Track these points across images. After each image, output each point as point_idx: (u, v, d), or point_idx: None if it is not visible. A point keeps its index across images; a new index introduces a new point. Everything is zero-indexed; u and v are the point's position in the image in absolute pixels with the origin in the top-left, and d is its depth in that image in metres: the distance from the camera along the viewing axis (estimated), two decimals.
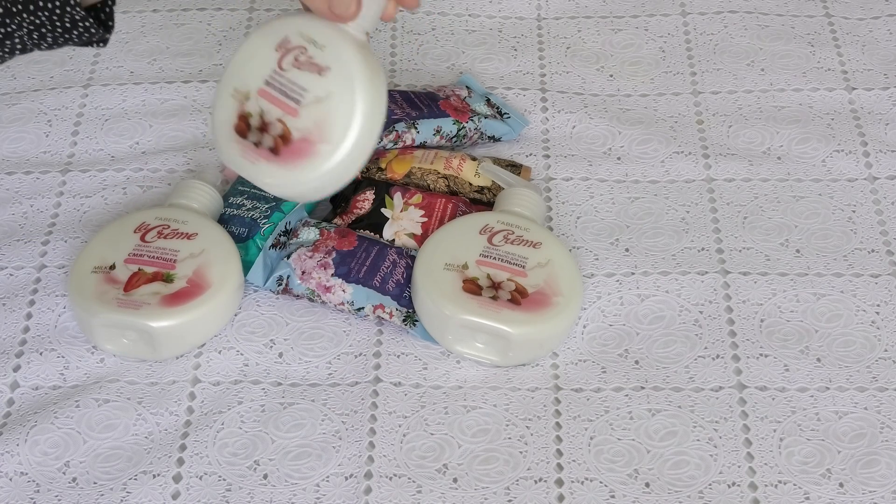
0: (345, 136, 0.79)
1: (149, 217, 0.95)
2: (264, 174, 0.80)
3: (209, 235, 0.94)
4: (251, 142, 0.80)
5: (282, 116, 0.79)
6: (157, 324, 0.89)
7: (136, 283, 0.91)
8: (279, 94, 0.79)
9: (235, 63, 0.81)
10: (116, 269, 0.92)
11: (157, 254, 0.92)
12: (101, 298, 0.90)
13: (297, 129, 0.79)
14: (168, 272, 0.91)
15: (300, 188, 0.81)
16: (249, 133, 0.80)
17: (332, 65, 0.79)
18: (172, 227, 0.94)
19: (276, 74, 0.79)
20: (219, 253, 0.93)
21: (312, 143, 0.78)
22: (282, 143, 0.79)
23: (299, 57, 0.79)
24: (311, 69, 0.79)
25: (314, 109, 0.79)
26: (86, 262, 0.92)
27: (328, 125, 0.78)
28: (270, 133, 0.79)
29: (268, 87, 0.79)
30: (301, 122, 0.79)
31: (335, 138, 0.78)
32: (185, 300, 0.90)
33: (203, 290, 0.91)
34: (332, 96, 0.78)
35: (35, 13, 0.77)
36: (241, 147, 0.80)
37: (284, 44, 0.79)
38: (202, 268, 0.92)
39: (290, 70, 0.79)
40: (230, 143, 0.81)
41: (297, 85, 0.79)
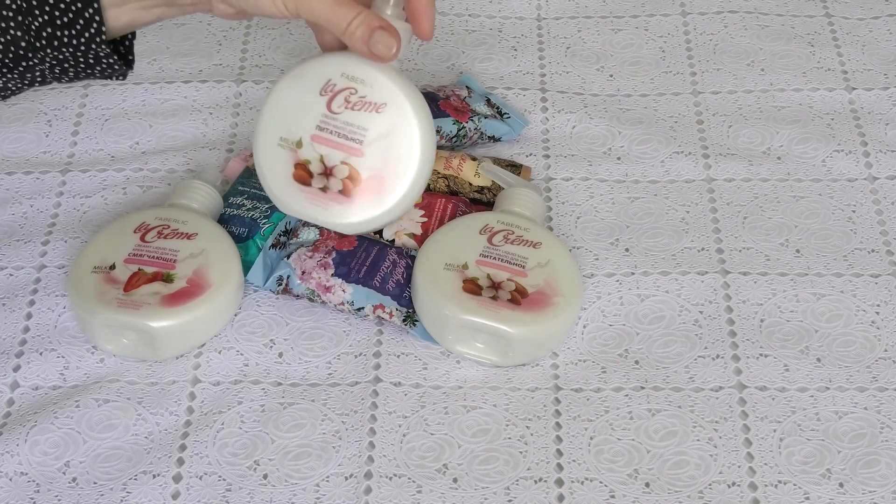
0: (411, 164, 0.81)
1: (149, 217, 0.95)
2: (337, 216, 0.82)
3: (209, 235, 0.94)
4: (317, 188, 0.81)
5: (346, 158, 0.81)
6: (157, 324, 0.89)
7: (136, 283, 0.91)
8: (337, 137, 0.81)
9: (272, 112, 0.82)
10: (116, 269, 0.92)
11: (157, 254, 0.92)
12: (101, 298, 0.90)
13: (364, 168, 0.81)
14: (168, 272, 0.91)
15: (375, 222, 0.83)
16: (313, 179, 0.81)
17: (388, 100, 0.81)
18: (172, 227, 0.94)
19: (328, 119, 0.81)
20: (219, 253, 0.93)
21: (383, 179, 0.81)
22: (351, 184, 0.81)
23: (350, 98, 0.81)
24: (366, 108, 0.81)
25: (378, 146, 0.81)
26: (86, 262, 0.92)
27: (394, 158, 0.81)
28: (337, 176, 0.81)
29: (322, 133, 0.81)
30: (367, 160, 0.81)
31: (403, 169, 0.81)
32: (185, 300, 0.90)
33: (203, 290, 0.91)
34: (393, 130, 0.81)
35: (59, 49, 0.77)
36: (305, 194, 0.81)
37: (329, 87, 0.81)
38: (202, 268, 0.92)
39: (343, 112, 0.81)
40: (292, 193, 0.82)
41: (355, 125, 0.81)
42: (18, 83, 0.80)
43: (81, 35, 0.77)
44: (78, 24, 0.77)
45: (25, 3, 0.77)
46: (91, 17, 0.77)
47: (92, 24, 0.77)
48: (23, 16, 0.76)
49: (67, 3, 0.77)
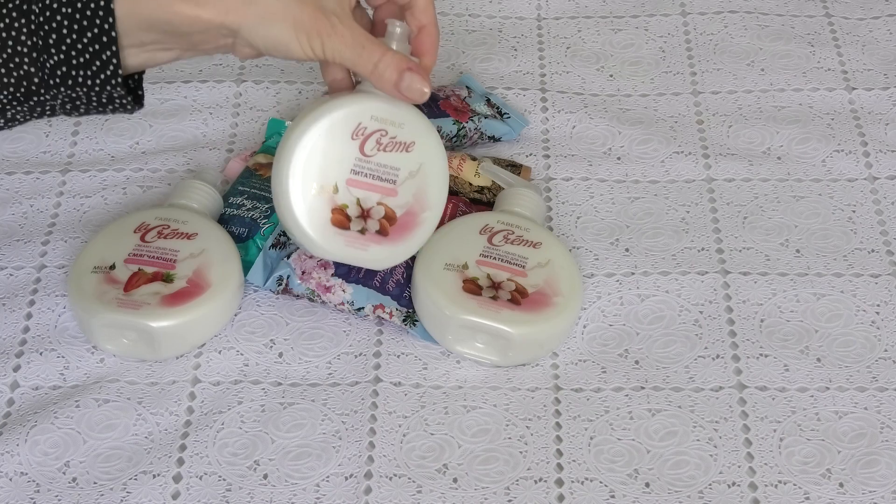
0: (442, 195, 0.87)
1: (149, 217, 0.95)
2: (377, 256, 0.86)
3: (209, 235, 0.94)
4: (355, 231, 0.84)
5: (381, 199, 0.84)
6: (157, 324, 0.89)
7: (136, 283, 0.91)
8: (372, 179, 0.83)
9: (304, 161, 0.83)
10: (116, 269, 0.92)
11: (157, 254, 0.92)
12: (101, 298, 0.90)
13: (399, 207, 0.84)
14: (168, 272, 0.91)
15: (411, 254, 0.88)
16: (351, 223, 0.83)
17: (416, 139, 0.84)
18: (172, 227, 0.94)
19: (362, 162, 0.83)
20: (219, 253, 0.93)
21: (416, 214, 0.86)
22: (388, 224, 0.84)
23: (381, 140, 0.83)
24: (397, 148, 0.84)
25: (410, 184, 0.85)
26: (86, 262, 0.92)
27: (425, 193, 0.86)
28: (374, 217, 0.84)
29: (357, 176, 0.83)
30: (401, 199, 0.85)
31: (434, 201, 0.86)
32: (186, 300, 0.90)
33: (203, 290, 0.91)
34: (422, 167, 0.84)
35: (73, 87, 0.77)
36: (345, 238, 0.84)
37: (360, 130, 0.82)
38: (202, 268, 0.92)
39: (375, 154, 0.83)
40: (332, 238, 0.84)
41: (388, 166, 0.84)
42: (27, 115, 0.80)
43: (97, 76, 0.77)
44: (94, 64, 0.77)
45: (42, 41, 0.76)
46: (108, 59, 0.77)
47: (108, 66, 0.77)
48: (38, 53, 0.76)
49: (85, 43, 0.76)
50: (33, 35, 0.76)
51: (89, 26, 0.76)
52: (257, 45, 0.79)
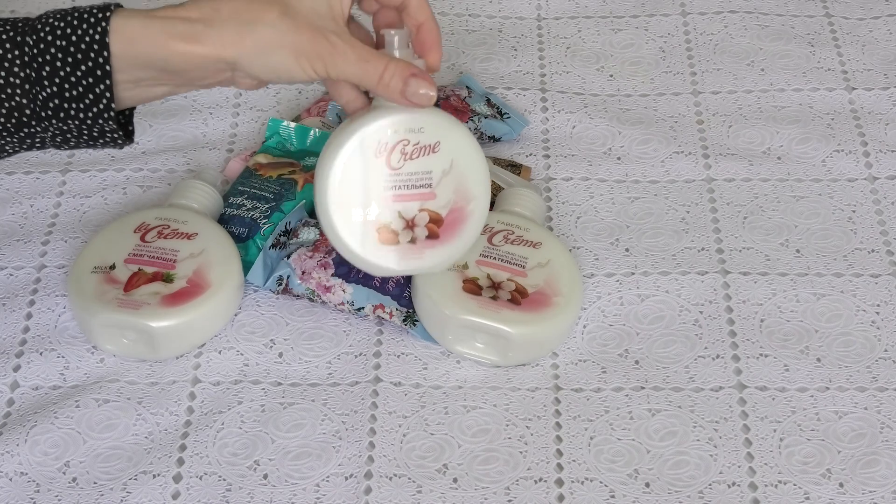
0: (483, 181, 0.83)
1: (149, 217, 0.95)
2: (435, 260, 0.84)
3: (209, 235, 0.94)
4: (406, 243, 0.83)
5: (422, 206, 0.82)
6: (157, 324, 0.89)
7: (136, 283, 0.91)
8: (407, 189, 0.82)
9: (338, 190, 0.82)
10: (116, 269, 0.92)
11: (157, 254, 0.92)
12: (101, 298, 0.90)
13: (442, 208, 0.83)
14: (168, 272, 0.91)
15: (468, 246, 0.85)
16: (399, 236, 0.82)
17: (440, 138, 0.82)
18: (172, 227, 0.94)
19: (393, 176, 0.82)
20: (219, 253, 0.93)
21: (462, 209, 0.83)
22: (436, 228, 0.83)
23: (405, 150, 0.82)
24: (423, 153, 0.82)
25: (447, 182, 0.82)
26: (86, 262, 0.92)
27: (465, 185, 0.83)
28: (420, 225, 0.83)
29: (392, 191, 0.82)
30: (442, 199, 0.83)
31: (477, 190, 0.83)
32: (185, 300, 0.90)
33: (203, 290, 0.91)
34: (455, 163, 0.82)
35: (65, 120, 0.77)
36: (397, 252, 0.83)
37: (382, 147, 0.82)
38: (202, 268, 0.92)
39: (403, 165, 0.82)
40: (384, 254, 0.83)
41: (419, 173, 0.82)
42: (17, 146, 0.79)
43: (89, 110, 0.77)
44: (87, 98, 0.77)
45: (35, 73, 0.76)
46: (101, 93, 0.77)
47: (101, 100, 0.77)
48: (31, 84, 0.76)
49: (78, 76, 0.76)
50: (26, 67, 0.76)
51: (83, 59, 0.76)
52: (258, 75, 0.79)
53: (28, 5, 1.18)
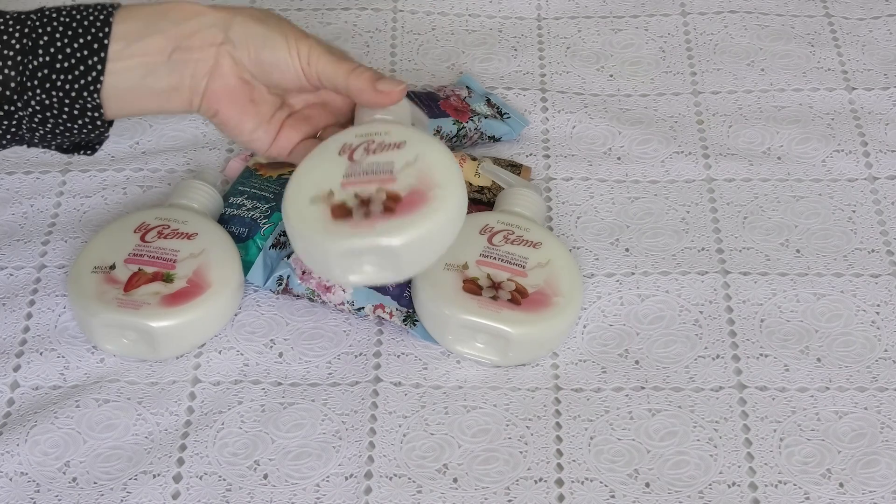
0: (452, 173, 0.82)
1: (149, 217, 0.95)
2: (388, 233, 0.80)
3: (209, 235, 0.94)
4: (359, 217, 0.81)
5: (380, 187, 0.81)
6: (157, 324, 0.89)
7: (136, 283, 0.91)
8: (366, 176, 0.82)
9: (296, 184, 0.83)
10: (116, 269, 0.92)
11: (157, 254, 0.92)
12: (101, 298, 0.90)
13: (402, 189, 0.81)
14: (168, 272, 0.91)
15: (430, 237, 0.82)
16: (354, 211, 0.81)
17: (407, 139, 0.83)
18: (172, 227, 0.94)
19: (353, 167, 0.82)
20: (219, 253, 0.93)
21: (423, 193, 0.81)
22: (393, 204, 0.81)
23: (369, 147, 0.83)
24: (388, 149, 0.83)
25: (410, 171, 0.82)
26: (86, 262, 0.92)
27: (430, 175, 0.82)
28: (376, 202, 0.81)
29: (350, 178, 0.82)
30: (402, 183, 0.81)
31: (444, 179, 0.82)
32: (185, 300, 0.90)
33: (203, 290, 0.91)
34: (421, 156, 0.82)
35: (49, 92, 0.78)
36: (350, 225, 0.80)
37: (346, 147, 0.83)
38: (202, 268, 0.92)
39: (365, 158, 0.83)
40: (336, 229, 0.80)
41: (381, 163, 0.82)
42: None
43: (77, 81, 0.78)
44: (78, 69, 0.78)
45: (31, 43, 0.78)
46: (93, 65, 0.78)
47: (91, 72, 0.78)
48: (23, 55, 0.78)
49: (74, 48, 0.78)
50: (24, 38, 0.77)
51: (83, 33, 0.78)
52: (248, 47, 0.82)
53: (28, 6, 1.17)
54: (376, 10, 1.17)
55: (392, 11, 1.17)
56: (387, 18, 1.17)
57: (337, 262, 0.82)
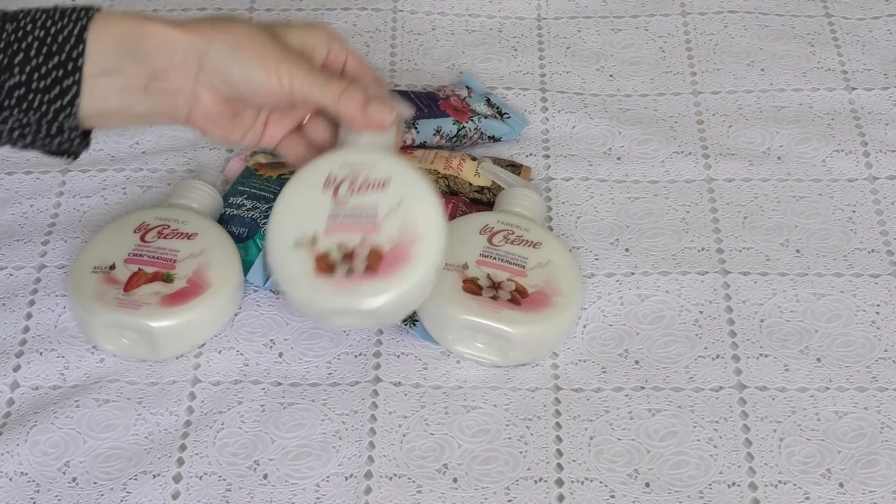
0: (436, 223, 0.83)
1: (149, 217, 0.95)
2: (369, 296, 0.81)
3: (209, 235, 0.94)
4: (342, 274, 0.81)
5: (364, 238, 0.82)
6: (157, 324, 0.89)
7: (136, 283, 0.91)
8: (350, 221, 0.82)
9: (281, 219, 0.83)
10: (116, 269, 0.92)
11: (157, 254, 0.92)
12: (101, 298, 0.90)
13: (384, 243, 0.82)
14: (168, 272, 0.91)
15: (411, 294, 0.83)
16: (338, 266, 0.81)
17: (392, 175, 0.83)
18: (172, 227, 0.94)
19: (337, 208, 0.82)
20: (219, 253, 0.93)
21: (406, 247, 0.82)
22: (376, 262, 0.81)
23: (354, 183, 0.83)
24: (372, 188, 0.83)
25: (393, 218, 0.82)
26: (86, 262, 0.92)
27: (413, 225, 0.82)
28: (359, 257, 0.81)
29: (336, 221, 0.82)
30: (384, 234, 0.82)
31: (427, 231, 0.82)
32: (185, 300, 0.90)
33: (203, 290, 0.91)
34: (404, 201, 0.82)
35: (27, 112, 0.77)
36: (333, 284, 0.81)
37: (331, 180, 0.83)
38: (202, 268, 0.92)
39: (349, 197, 0.83)
40: (320, 284, 0.81)
41: (364, 206, 0.82)
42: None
43: (54, 102, 0.77)
44: (54, 90, 0.77)
45: (7, 60, 0.77)
46: (69, 87, 0.77)
47: (67, 94, 0.77)
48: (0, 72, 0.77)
49: (49, 68, 0.77)
50: (0, 52, 0.76)
51: (58, 51, 0.76)
52: (223, 74, 0.80)
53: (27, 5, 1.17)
54: (376, 10, 1.17)
55: (392, 11, 1.17)
56: (387, 18, 1.17)
57: (319, 314, 0.84)
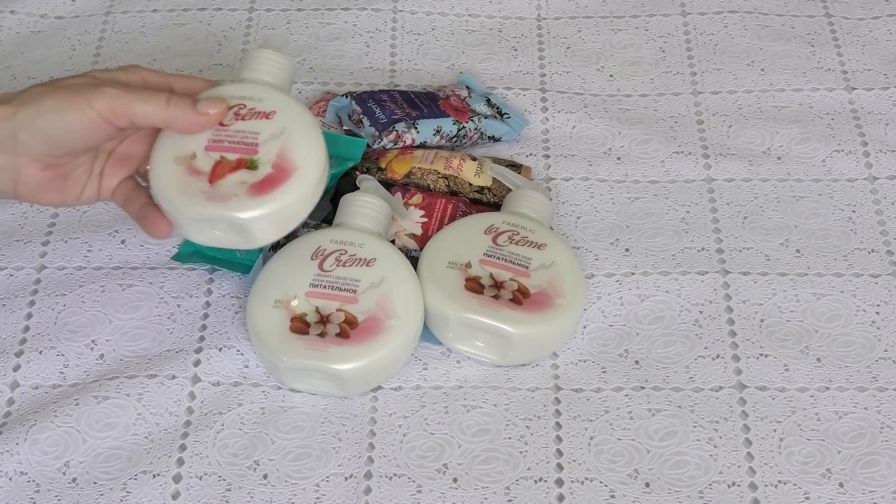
0: (413, 305, 0.89)
1: (224, 95, 0.87)
2: (337, 357, 0.86)
3: (287, 112, 0.86)
4: (315, 334, 0.87)
5: (341, 306, 0.87)
6: (247, 214, 0.84)
7: (221, 174, 0.85)
8: (332, 290, 0.88)
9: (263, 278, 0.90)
10: (198, 157, 0.85)
11: (238, 138, 0.85)
12: (186, 192, 0.84)
13: (360, 314, 0.87)
14: (251, 158, 0.85)
15: (376, 368, 0.88)
16: (311, 328, 0.87)
17: (377, 256, 0.89)
18: (249, 107, 0.86)
19: (321, 277, 0.88)
20: (300, 130, 0.86)
21: (380, 321, 0.87)
22: (348, 328, 0.87)
23: (340, 258, 0.88)
24: (358, 263, 0.89)
25: (373, 293, 0.88)
26: (165, 154, 0.85)
27: (391, 302, 0.88)
28: (333, 322, 0.87)
29: (317, 289, 0.88)
30: (362, 306, 0.87)
31: (403, 311, 0.88)
32: (274, 187, 0.84)
33: (290, 173, 0.85)
34: (386, 279, 0.89)
35: None
36: (305, 342, 0.86)
37: (320, 252, 0.89)
38: (285, 150, 0.85)
39: (334, 269, 0.88)
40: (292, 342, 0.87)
41: (348, 279, 0.88)
42: None
43: None
44: None
45: None
46: None
47: None
48: None
49: None
50: None
51: None
52: (38, 131, 0.81)
53: (28, 5, 1.18)
54: (376, 10, 1.17)
55: (392, 11, 1.17)
56: (387, 18, 1.17)
57: (286, 373, 0.88)
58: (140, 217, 0.87)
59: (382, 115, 1.02)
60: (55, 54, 1.13)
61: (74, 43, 1.14)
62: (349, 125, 1.04)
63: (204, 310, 0.94)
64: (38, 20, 1.17)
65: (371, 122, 1.02)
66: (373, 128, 1.02)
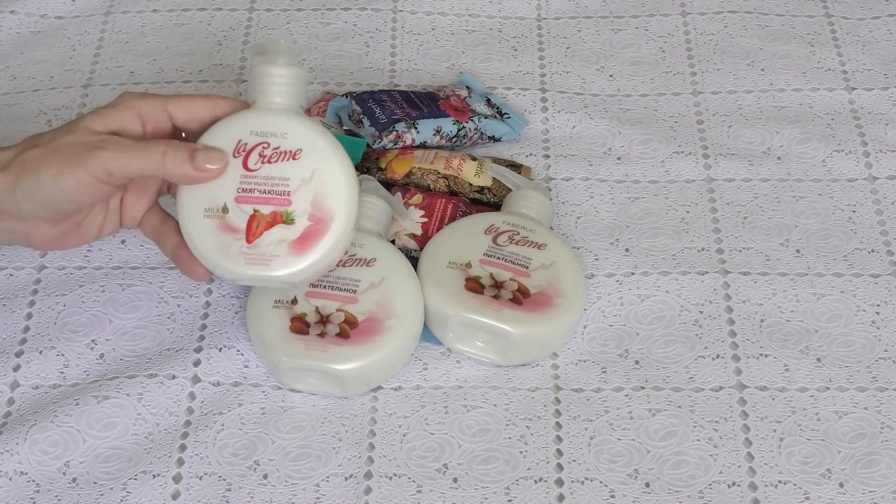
0: (413, 306, 0.89)
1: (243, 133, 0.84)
2: (337, 357, 0.86)
3: (314, 150, 0.83)
4: (315, 335, 0.86)
5: (341, 306, 0.87)
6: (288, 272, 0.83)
7: (258, 232, 0.83)
8: (331, 290, 0.88)
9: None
10: (230, 211, 0.83)
11: (267, 186, 0.83)
12: (225, 254, 0.83)
13: (360, 314, 0.87)
14: (285, 210, 0.83)
15: (376, 368, 0.88)
16: (311, 328, 0.87)
17: (378, 256, 0.89)
18: (273, 146, 0.83)
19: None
20: (331, 172, 0.83)
21: (380, 321, 0.87)
22: (348, 329, 0.87)
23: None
24: (358, 264, 0.89)
25: (373, 293, 0.88)
26: (195, 206, 0.84)
27: (391, 302, 0.88)
28: (333, 322, 0.87)
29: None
30: (362, 306, 0.87)
31: (404, 309, 0.88)
32: (313, 241, 0.83)
33: (327, 224, 0.83)
34: (387, 278, 0.89)
35: None
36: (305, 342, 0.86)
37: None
38: (318, 198, 0.83)
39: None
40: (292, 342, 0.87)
41: (347, 279, 0.88)
42: None
43: None
44: None
45: None
46: None
47: None
48: None
49: None
50: None
51: None
52: (36, 199, 0.81)
53: (28, 5, 1.18)
54: (376, 10, 1.17)
55: (392, 11, 1.17)
56: (387, 18, 1.17)
57: (286, 373, 0.88)
58: (175, 258, 0.86)
59: (382, 115, 1.02)
60: (55, 54, 1.13)
61: (74, 43, 1.14)
62: (349, 125, 1.04)
63: (204, 310, 0.94)
64: (38, 20, 1.17)
65: (371, 122, 1.02)
66: (373, 128, 1.02)
